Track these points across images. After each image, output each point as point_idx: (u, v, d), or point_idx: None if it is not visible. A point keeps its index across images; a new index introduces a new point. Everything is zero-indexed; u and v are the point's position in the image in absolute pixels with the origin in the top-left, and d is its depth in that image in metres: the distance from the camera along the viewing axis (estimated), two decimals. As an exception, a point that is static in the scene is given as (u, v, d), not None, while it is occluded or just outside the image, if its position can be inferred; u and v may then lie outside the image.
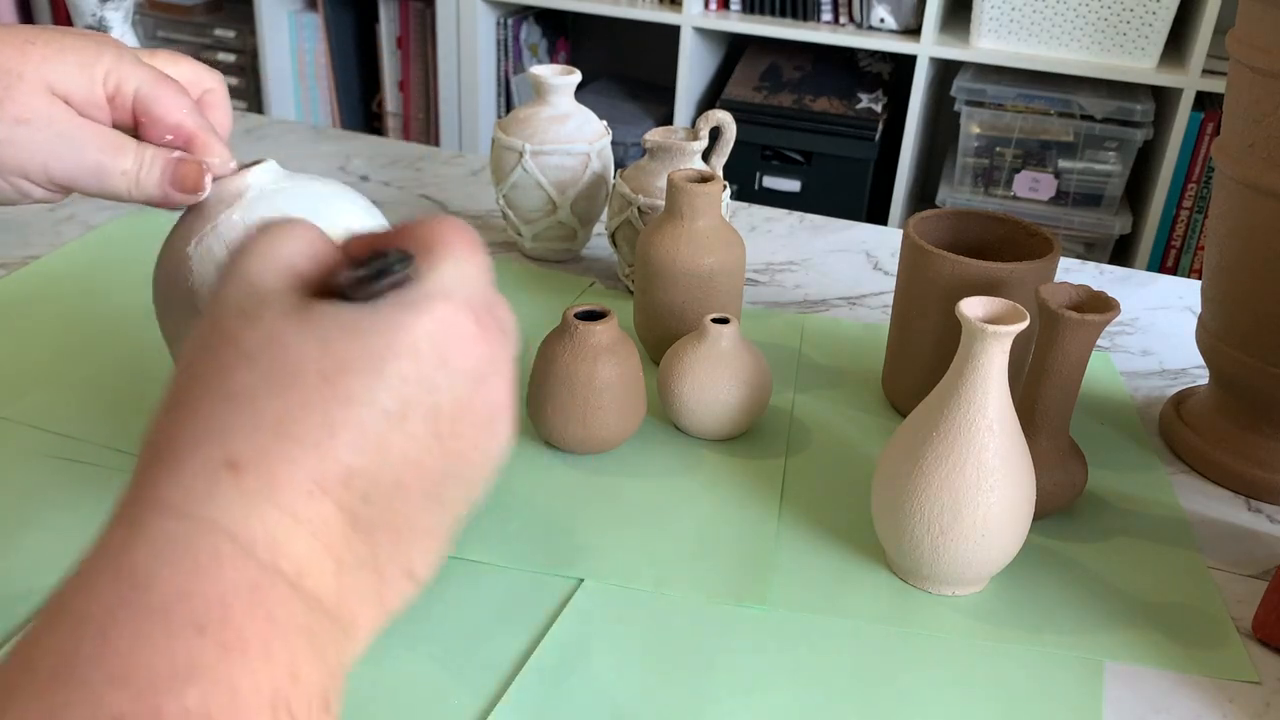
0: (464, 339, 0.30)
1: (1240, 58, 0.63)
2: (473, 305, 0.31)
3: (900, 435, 0.57)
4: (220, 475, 0.26)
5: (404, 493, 0.29)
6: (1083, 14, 1.95)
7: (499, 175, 0.91)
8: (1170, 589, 0.60)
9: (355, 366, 0.28)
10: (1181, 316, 0.94)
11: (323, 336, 0.28)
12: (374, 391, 0.28)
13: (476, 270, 0.32)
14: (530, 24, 2.47)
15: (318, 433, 0.27)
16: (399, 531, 0.30)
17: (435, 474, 0.30)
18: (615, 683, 0.52)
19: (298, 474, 0.27)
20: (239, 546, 0.26)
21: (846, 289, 0.95)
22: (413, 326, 0.29)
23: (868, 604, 0.58)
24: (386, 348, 0.28)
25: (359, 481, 0.28)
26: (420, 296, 0.30)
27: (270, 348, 0.28)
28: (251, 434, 0.27)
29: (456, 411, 0.30)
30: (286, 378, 0.28)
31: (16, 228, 0.97)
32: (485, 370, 0.31)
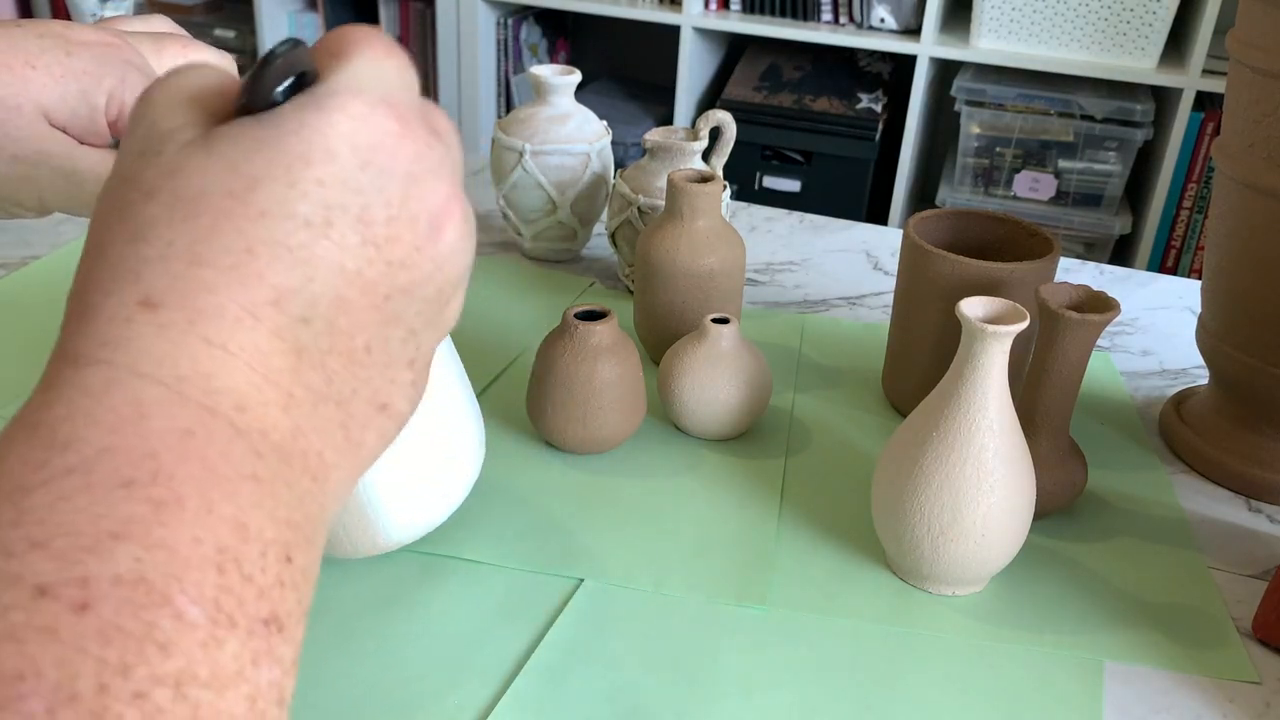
0: (386, 136, 0.27)
1: (1240, 58, 0.63)
2: (392, 102, 0.28)
3: (900, 435, 0.57)
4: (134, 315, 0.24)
5: (348, 309, 0.27)
6: (1083, 14, 1.95)
7: (499, 175, 0.91)
8: (1170, 589, 0.60)
9: (265, 178, 0.26)
10: (1181, 316, 0.94)
11: (225, 155, 0.26)
12: (289, 202, 0.26)
13: (395, 68, 0.29)
14: (530, 24, 2.47)
15: (234, 254, 0.25)
16: (354, 356, 0.27)
17: (380, 286, 0.27)
18: (615, 683, 0.52)
19: (220, 301, 0.25)
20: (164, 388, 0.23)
21: (846, 289, 0.95)
22: (324, 127, 0.26)
23: (868, 604, 0.58)
24: (296, 154, 0.26)
25: (292, 301, 0.26)
26: (327, 94, 0.27)
27: (172, 178, 0.26)
28: (162, 267, 0.25)
29: (389, 216, 0.27)
30: (192, 204, 0.25)
31: (16, 228, 0.97)
32: (417, 170, 0.28)
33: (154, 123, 0.28)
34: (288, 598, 0.23)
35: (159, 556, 0.21)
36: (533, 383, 0.68)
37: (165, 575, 0.21)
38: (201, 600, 0.21)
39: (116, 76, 0.44)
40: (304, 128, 0.26)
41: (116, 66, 0.45)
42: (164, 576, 0.21)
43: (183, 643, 0.20)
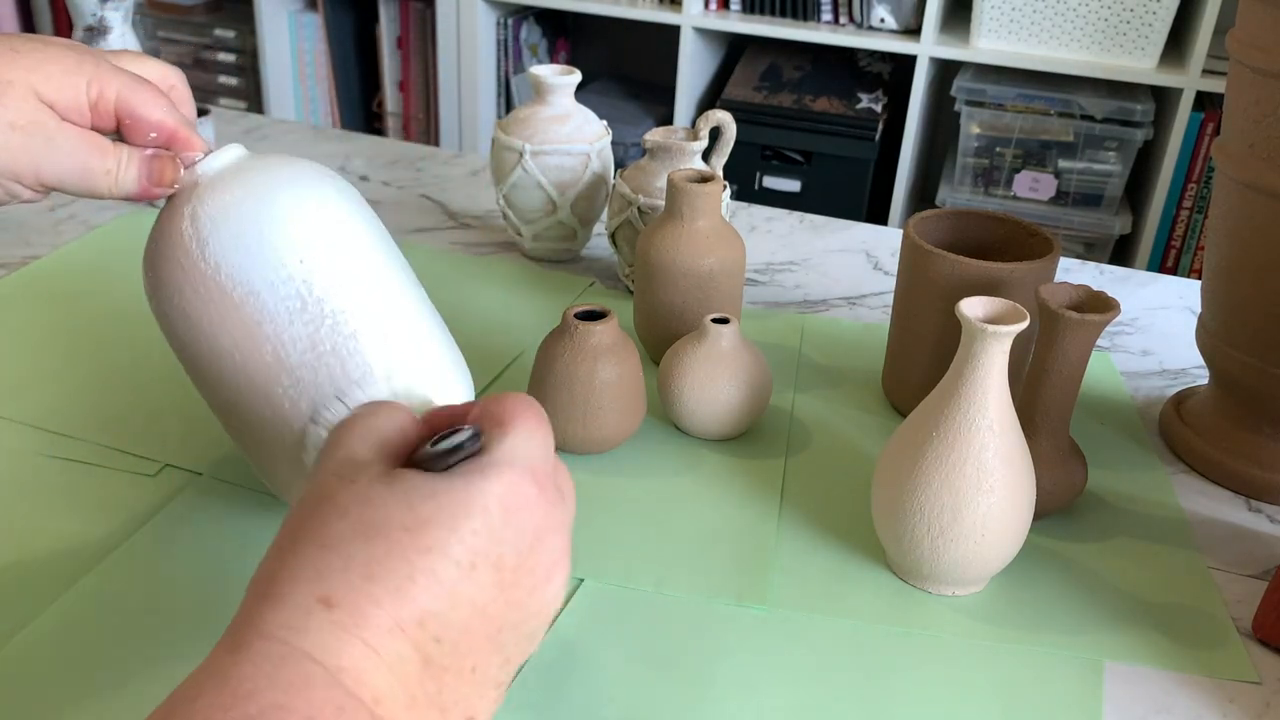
0: (526, 501, 0.35)
1: (1240, 58, 0.63)
2: (534, 472, 0.36)
3: (900, 435, 0.57)
4: (314, 609, 0.31)
5: (470, 637, 0.33)
6: (1083, 14, 1.95)
7: (499, 175, 0.91)
8: (1170, 589, 0.60)
9: (434, 522, 0.33)
10: (1181, 316, 0.94)
11: (406, 497, 0.33)
12: (448, 544, 0.33)
13: (540, 441, 0.37)
14: (530, 24, 2.47)
15: (399, 578, 0.32)
16: (463, 675, 0.34)
17: (497, 621, 0.34)
18: (615, 683, 0.52)
19: (381, 614, 0.31)
20: (327, 672, 0.30)
21: (846, 289, 0.95)
22: (483, 490, 0.34)
23: (868, 604, 0.58)
24: (460, 507, 0.33)
25: (432, 624, 0.32)
26: (489, 464, 0.35)
27: (362, 505, 0.33)
28: (343, 576, 0.32)
29: (518, 563, 0.35)
30: (375, 530, 0.32)
31: (16, 228, 0.97)
32: (543, 528, 0.36)
33: (352, 453, 0.36)
34: None
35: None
36: (533, 383, 0.68)
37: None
38: None
39: (91, 62, 0.49)
40: (470, 487, 0.34)
41: (88, 56, 0.49)
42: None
43: None
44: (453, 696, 0.33)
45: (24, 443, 0.66)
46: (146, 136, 0.50)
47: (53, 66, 0.47)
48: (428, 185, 1.13)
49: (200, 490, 0.63)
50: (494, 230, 1.02)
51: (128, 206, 1.02)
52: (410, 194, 1.11)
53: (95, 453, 0.66)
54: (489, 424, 0.37)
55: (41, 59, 0.47)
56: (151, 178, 0.50)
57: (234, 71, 2.60)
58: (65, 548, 0.58)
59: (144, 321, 0.81)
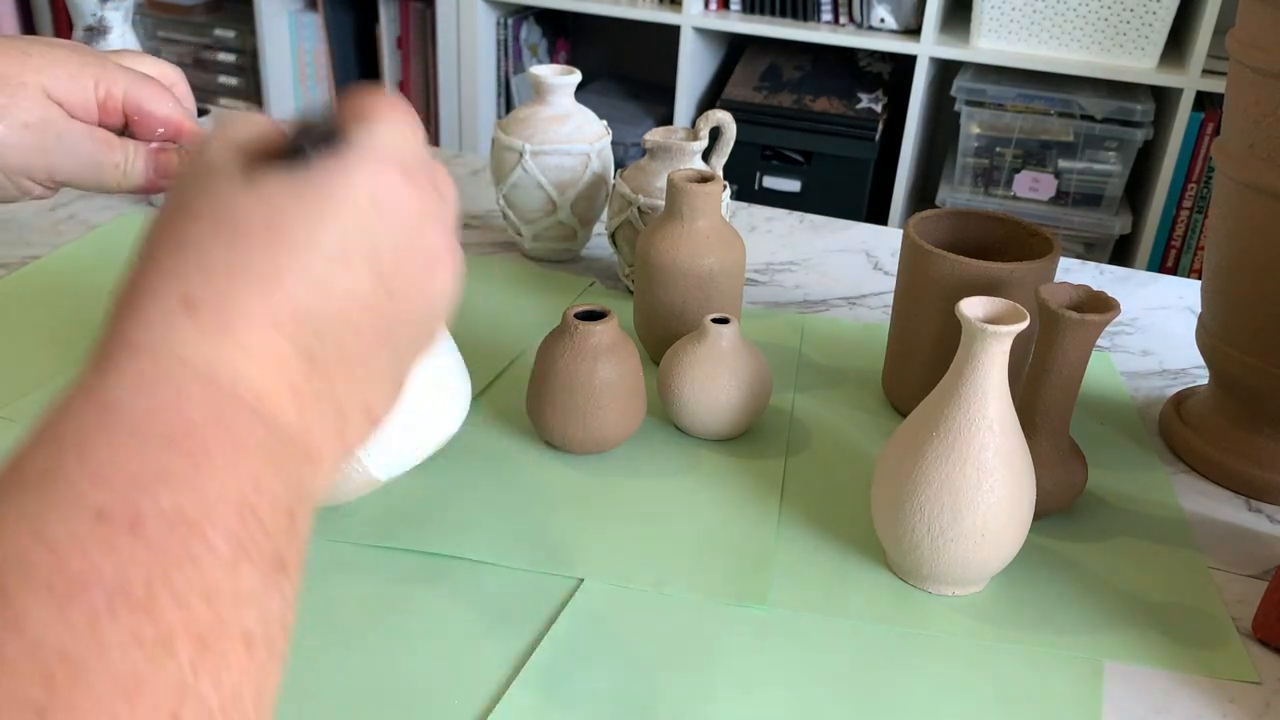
0: (396, 191, 0.33)
1: (1240, 58, 0.63)
2: (402, 162, 0.34)
3: (900, 435, 0.57)
4: (178, 314, 0.29)
5: (354, 330, 0.32)
6: (1083, 14, 1.95)
7: (499, 175, 0.91)
8: (1170, 589, 0.60)
9: (296, 216, 0.31)
10: (1181, 316, 0.94)
11: (267, 194, 0.31)
12: (315, 238, 0.31)
13: (405, 132, 0.35)
14: (530, 24, 2.47)
15: (266, 275, 0.30)
16: (353, 369, 0.33)
17: (382, 313, 0.33)
18: (615, 683, 0.52)
19: (251, 312, 0.30)
20: (200, 377, 0.29)
21: (846, 289, 0.95)
22: (346, 181, 0.32)
23: (868, 604, 0.58)
24: (324, 199, 0.32)
25: (310, 319, 0.31)
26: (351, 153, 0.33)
27: (217, 205, 0.31)
28: (201, 275, 0.30)
29: (395, 254, 0.33)
30: (233, 228, 0.31)
31: (16, 228, 0.97)
32: (418, 219, 0.34)
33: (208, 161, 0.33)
34: (291, 546, 0.29)
35: (194, 498, 0.26)
36: (533, 383, 0.68)
37: (199, 513, 0.26)
38: (227, 535, 0.26)
39: (96, 62, 0.51)
40: (331, 178, 0.32)
41: (93, 57, 0.51)
42: (198, 513, 0.26)
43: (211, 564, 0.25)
44: (346, 392, 0.33)
45: (24, 443, 0.66)
46: (154, 131, 0.52)
47: (61, 68, 0.49)
48: (428, 185, 1.13)
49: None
50: (494, 230, 1.02)
51: (127, 207, 1.02)
52: (410, 194, 1.11)
53: (95, 453, 0.66)
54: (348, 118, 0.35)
55: (50, 60, 0.49)
56: (159, 170, 0.52)
57: (234, 71, 2.60)
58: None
59: (144, 321, 0.81)
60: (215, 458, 0.27)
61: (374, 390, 0.34)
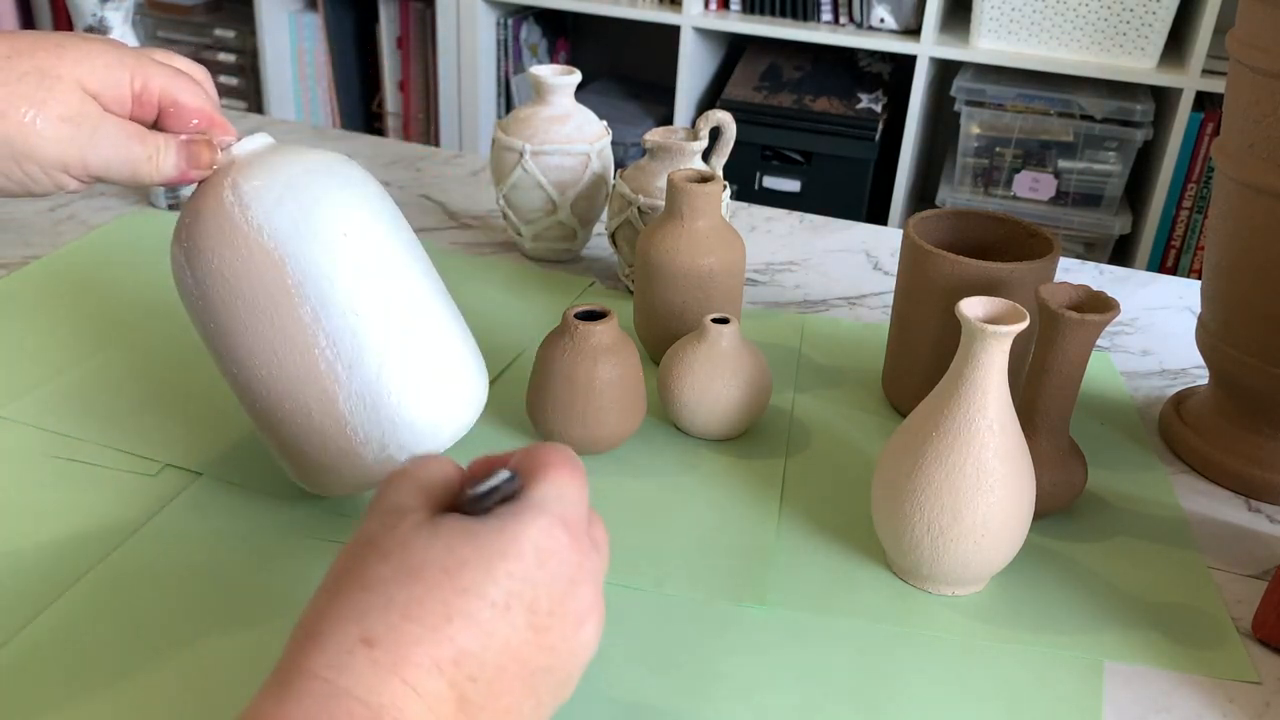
0: (559, 546, 0.37)
1: (1240, 58, 0.63)
2: (567, 519, 0.37)
3: (900, 435, 0.57)
4: (356, 649, 0.33)
5: (504, 677, 0.35)
6: (1083, 14, 1.95)
7: (499, 175, 0.91)
8: (1170, 589, 0.60)
9: (470, 564, 0.35)
10: (1181, 316, 0.94)
11: (445, 540, 0.35)
12: (484, 585, 0.34)
13: (574, 490, 0.39)
14: (530, 24, 2.47)
15: (437, 618, 0.34)
16: (497, 714, 0.35)
17: (531, 663, 0.36)
18: (615, 683, 0.52)
19: (420, 652, 0.33)
20: (369, 710, 0.32)
21: (846, 289, 0.95)
22: (518, 534, 0.36)
23: (868, 604, 0.58)
24: (496, 550, 0.35)
25: (468, 663, 0.34)
26: (524, 509, 0.37)
27: (403, 549, 0.35)
28: (383, 616, 0.33)
29: (551, 608, 0.36)
30: (415, 572, 0.34)
31: (16, 228, 0.97)
32: (576, 575, 0.37)
33: (398, 501, 0.37)
34: None
35: None
36: (533, 383, 0.68)
37: None
38: None
39: (131, 56, 0.51)
40: (505, 531, 0.36)
41: (127, 51, 0.51)
42: None
43: None
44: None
45: (24, 442, 0.66)
46: (189, 123, 0.53)
47: (97, 60, 0.50)
48: (428, 185, 1.13)
49: (200, 490, 0.63)
50: (494, 230, 1.02)
51: (127, 206, 1.02)
52: (410, 194, 1.11)
53: (95, 453, 0.66)
54: (525, 471, 0.39)
55: (86, 53, 0.50)
56: (190, 160, 0.53)
57: (234, 71, 2.60)
58: (65, 548, 0.58)
59: (144, 321, 0.81)
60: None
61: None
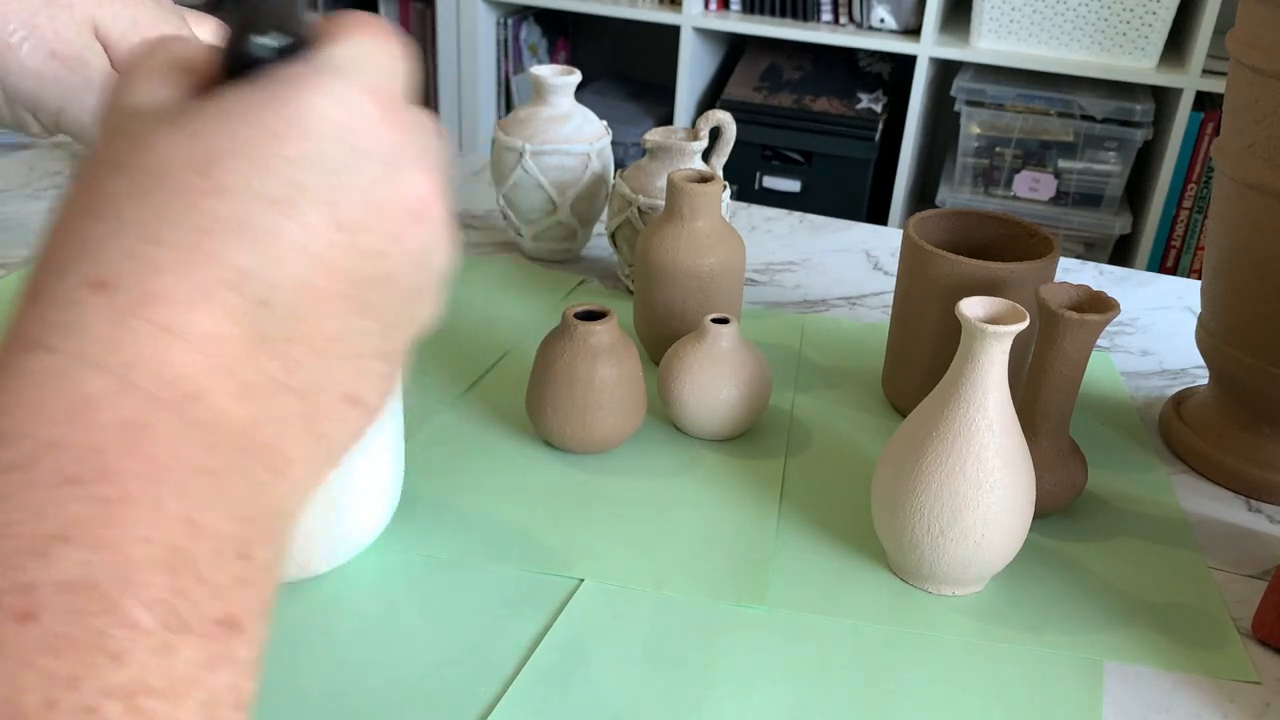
0: (364, 119, 0.26)
1: (1240, 58, 0.63)
2: (375, 88, 0.26)
3: (900, 435, 0.57)
4: (84, 297, 0.23)
5: (313, 296, 0.25)
6: (1083, 14, 1.95)
7: (499, 175, 0.91)
8: (1170, 589, 0.60)
9: (229, 152, 0.24)
10: (1181, 316, 0.94)
11: (193, 128, 0.24)
12: (251, 178, 0.24)
13: (384, 55, 0.27)
14: (530, 24, 2.47)
15: (190, 232, 0.23)
16: (319, 345, 0.26)
17: (350, 274, 0.26)
18: (615, 683, 0.52)
19: (173, 281, 0.23)
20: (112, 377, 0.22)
21: (846, 289, 0.95)
22: (301, 105, 0.25)
23: (868, 604, 0.58)
24: (268, 129, 0.24)
25: (252, 284, 0.24)
26: (310, 72, 0.25)
27: (137, 151, 0.24)
28: (114, 244, 0.23)
29: (364, 202, 0.26)
30: (152, 178, 0.24)
31: (16, 228, 0.97)
32: (396, 158, 0.27)
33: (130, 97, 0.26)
34: (246, 596, 0.22)
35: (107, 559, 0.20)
36: (532, 383, 0.68)
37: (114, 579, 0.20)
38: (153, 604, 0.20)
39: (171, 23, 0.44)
40: (281, 103, 0.25)
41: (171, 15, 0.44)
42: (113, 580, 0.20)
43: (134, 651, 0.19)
44: (312, 375, 0.26)
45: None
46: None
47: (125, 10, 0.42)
48: (428, 185, 1.13)
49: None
50: (494, 230, 1.02)
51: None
52: (410, 194, 1.11)
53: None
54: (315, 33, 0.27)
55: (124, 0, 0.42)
56: None
57: (234, 71, 2.60)
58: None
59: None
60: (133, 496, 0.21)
61: (353, 370, 0.27)
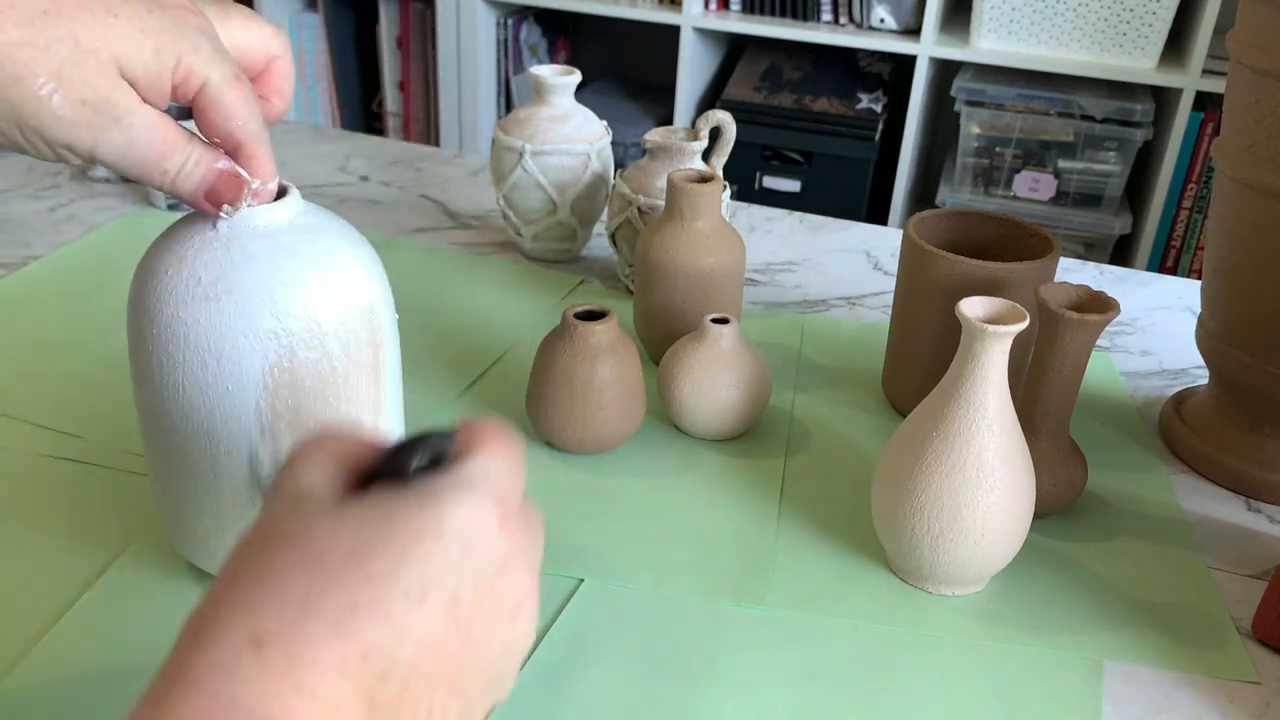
0: (487, 529, 0.32)
1: (1240, 58, 0.63)
2: (498, 499, 0.32)
3: (900, 435, 0.57)
4: (244, 651, 0.28)
5: (422, 676, 0.30)
6: (1083, 14, 1.95)
7: (499, 175, 0.91)
8: (1170, 589, 0.60)
9: (380, 548, 0.30)
10: (1181, 316, 0.94)
11: (353, 522, 0.30)
12: (396, 572, 0.29)
13: (508, 467, 0.34)
14: (530, 24, 2.47)
15: (340, 610, 0.29)
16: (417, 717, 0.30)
17: (454, 660, 0.31)
18: (615, 683, 0.52)
19: (318, 652, 0.28)
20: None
21: (846, 289, 0.95)
22: (438, 513, 0.31)
23: (868, 604, 0.58)
24: (410, 532, 0.30)
25: (376, 660, 0.29)
26: (447, 486, 0.31)
27: (306, 534, 0.30)
28: (277, 611, 0.28)
29: (477, 598, 0.31)
30: (316, 559, 0.29)
31: (16, 228, 0.97)
32: (507, 560, 0.32)
33: (300, 480, 0.32)
34: None
35: None
36: (532, 383, 0.68)
37: None
38: None
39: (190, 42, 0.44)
40: (423, 510, 0.30)
41: (191, 33, 0.44)
42: None
43: None
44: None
45: (24, 441, 0.66)
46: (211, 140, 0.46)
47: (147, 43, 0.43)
48: (428, 185, 1.13)
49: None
50: (494, 230, 1.02)
51: (128, 206, 1.02)
52: (410, 194, 1.11)
53: (95, 451, 0.66)
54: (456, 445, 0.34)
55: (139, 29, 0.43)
56: (210, 195, 0.47)
57: (234, 71, 2.60)
58: (65, 546, 0.58)
59: (144, 321, 0.81)
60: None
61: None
